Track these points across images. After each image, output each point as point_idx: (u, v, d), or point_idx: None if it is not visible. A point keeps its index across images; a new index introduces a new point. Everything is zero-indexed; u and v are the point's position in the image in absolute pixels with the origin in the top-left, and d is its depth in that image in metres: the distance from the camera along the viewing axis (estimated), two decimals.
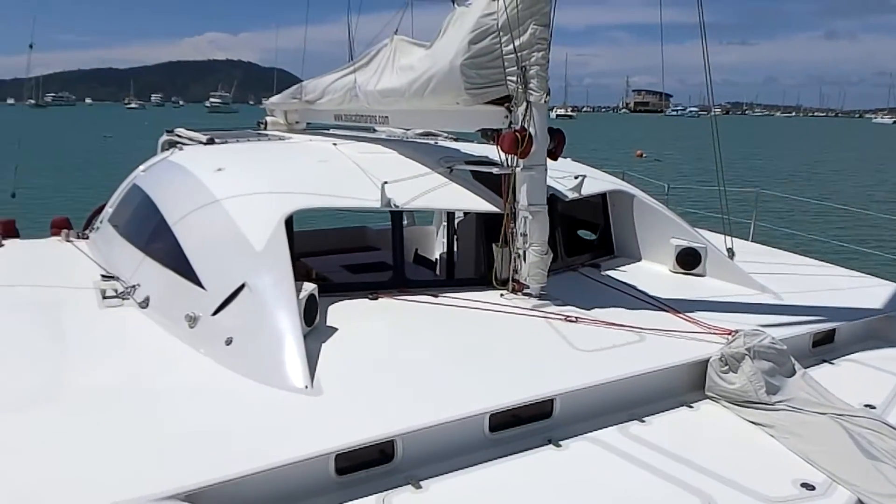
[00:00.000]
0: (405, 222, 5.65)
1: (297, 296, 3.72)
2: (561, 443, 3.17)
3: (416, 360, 3.64)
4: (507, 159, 4.50)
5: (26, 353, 3.73)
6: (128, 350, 3.81)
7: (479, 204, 4.86)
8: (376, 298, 4.43)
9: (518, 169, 4.45)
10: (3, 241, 6.37)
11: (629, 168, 7.67)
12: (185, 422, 2.98)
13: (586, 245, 6.09)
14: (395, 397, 3.23)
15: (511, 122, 4.44)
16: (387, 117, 6.13)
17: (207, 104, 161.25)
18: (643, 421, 3.38)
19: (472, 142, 6.79)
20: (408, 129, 7.47)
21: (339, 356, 3.59)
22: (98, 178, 26.23)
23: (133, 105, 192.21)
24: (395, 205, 4.58)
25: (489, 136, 4.67)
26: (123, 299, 4.53)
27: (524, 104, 4.33)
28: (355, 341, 3.82)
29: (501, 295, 4.57)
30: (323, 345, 3.69)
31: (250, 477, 2.62)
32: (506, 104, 4.47)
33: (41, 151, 40.81)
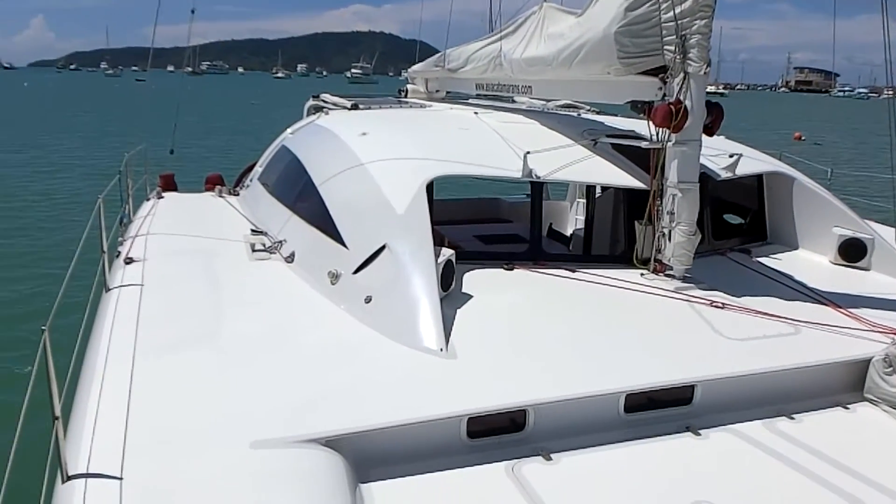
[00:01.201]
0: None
1: (436, 260, 3.74)
2: (700, 432, 3.03)
3: (552, 334, 3.58)
4: (657, 133, 4.28)
5: (186, 298, 3.99)
6: (274, 301, 3.99)
7: (623, 179, 4.67)
8: (512, 269, 4.37)
9: (670, 144, 4.21)
10: (164, 194, 6.84)
11: (786, 151, 7.10)
12: (326, 372, 3.08)
13: (735, 229, 5.73)
14: (529, 368, 3.20)
15: (665, 95, 4.20)
16: (530, 87, 6.00)
17: (348, 75, 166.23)
18: (792, 418, 3.18)
19: (615, 115, 6.55)
20: (548, 101, 7.31)
21: (474, 322, 3.59)
22: (244, 141, 27.79)
23: (280, 74, 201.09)
24: (536, 175, 4.48)
25: (639, 108, 4.45)
26: (270, 253, 4.74)
27: (681, 75, 4.09)
28: (490, 309, 3.79)
29: (642, 275, 4.38)
30: (458, 310, 3.69)
31: (387, 430, 2.68)
32: (660, 75, 4.23)
33: (197, 115, 43.67)
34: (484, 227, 7.13)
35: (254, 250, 4.80)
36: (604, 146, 5.00)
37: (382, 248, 3.88)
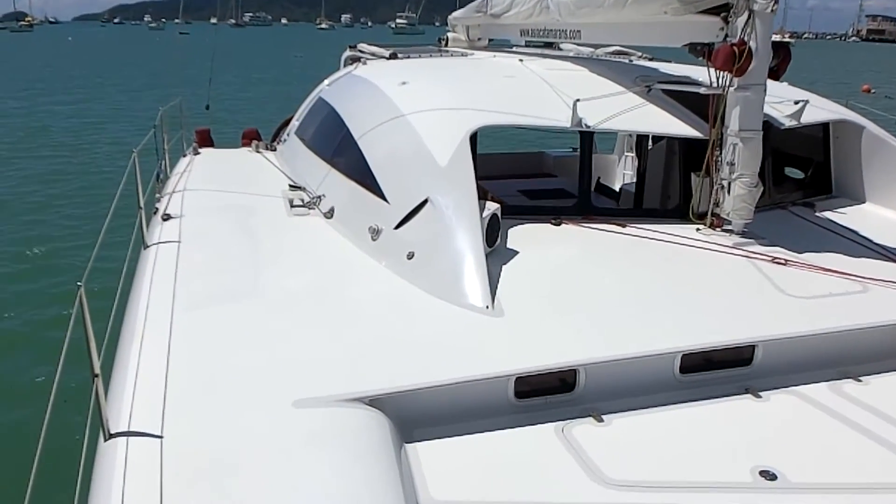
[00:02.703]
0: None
1: (480, 214, 3.57)
2: (761, 394, 2.87)
3: (602, 291, 3.41)
4: (718, 77, 3.97)
5: (225, 255, 3.93)
6: (314, 258, 3.90)
7: (679, 127, 4.38)
8: (559, 224, 4.16)
9: (731, 89, 3.91)
10: (200, 150, 6.75)
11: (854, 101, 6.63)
12: (369, 331, 2.99)
13: (797, 181, 5.39)
14: (578, 326, 3.05)
15: (727, 35, 3.88)
16: (579, 31, 5.66)
17: (392, 25, 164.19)
18: (859, 380, 3.00)
19: (668, 61, 6.20)
20: (597, 48, 6.95)
21: (521, 279, 3.43)
22: (286, 94, 27.65)
23: (324, 25, 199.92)
24: (586, 125, 4.22)
25: (698, 51, 4.13)
26: (309, 209, 4.64)
27: (745, 13, 3.76)
28: (537, 266, 3.62)
29: (698, 230, 4.13)
30: (504, 266, 3.53)
31: (432, 389, 2.60)
32: (722, 14, 3.91)
33: (237, 68, 43.66)
34: (529, 182, 6.90)
35: (292, 206, 4.69)
36: (657, 93, 4.69)
37: (425, 202, 3.72)
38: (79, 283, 2.34)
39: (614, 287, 3.45)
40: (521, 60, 5.66)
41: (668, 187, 4.63)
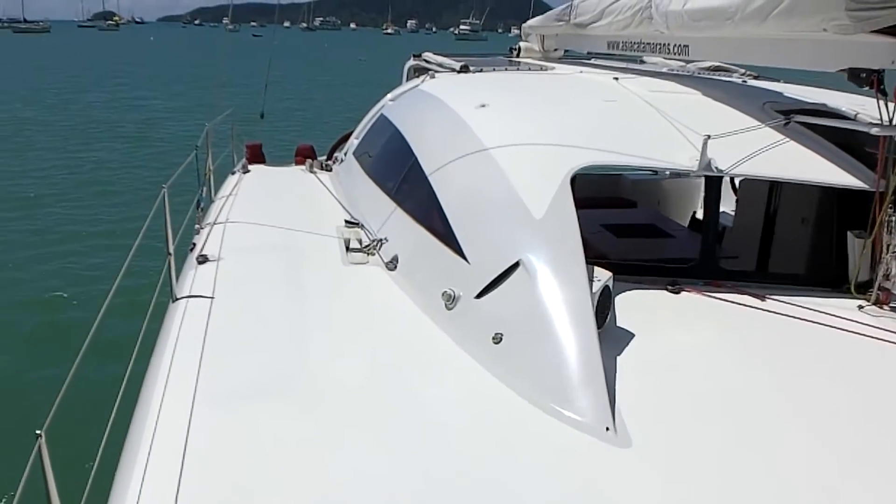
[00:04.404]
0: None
1: (590, 286, 2.74)
2: None
3: (761, 404, 2.51)
4: (893, 113, 3.04)
5: (265, 321, 3.21)
6: (372, 330, 3.13)
7: (834, 175, 3.44)
8: (678, 292, 3.26)
9: None
10: (250, 167, 6.09)
11: None
12: (440, 453, 2.23)
13: None
14: (739, 461, 2.17)
15: None
16: (686, 47, 4.76)
17: (456, 31, 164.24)
18: None
19: (777, 80, 5.25)
20: (688, 62, 5.97)
21: (648, 382, 2.59)
22: (347, 100, 27.35)
23: (389, 31, 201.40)
24: (717, 168, 3.33)
25: (863, 78, 3.20)
26: (368, 254, 3.90)
27: None
28: (664, 360, 2.76)
29: (861, 307, 3.20)
30: (619, 359, 2.66)
31: None
32: None
33: (301, 72, 43.81)
34: (608, 214, 5.96)
35: (348, 249, 3.95)
36: (796, 127, 3.76)
37: (515, 265, 2.91)
38: None
39: (771, 396, 2.56)
40: (616, 79, 4.78)
41: (817, 247, 3.69)
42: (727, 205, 6.07)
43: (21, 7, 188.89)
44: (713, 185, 3.62)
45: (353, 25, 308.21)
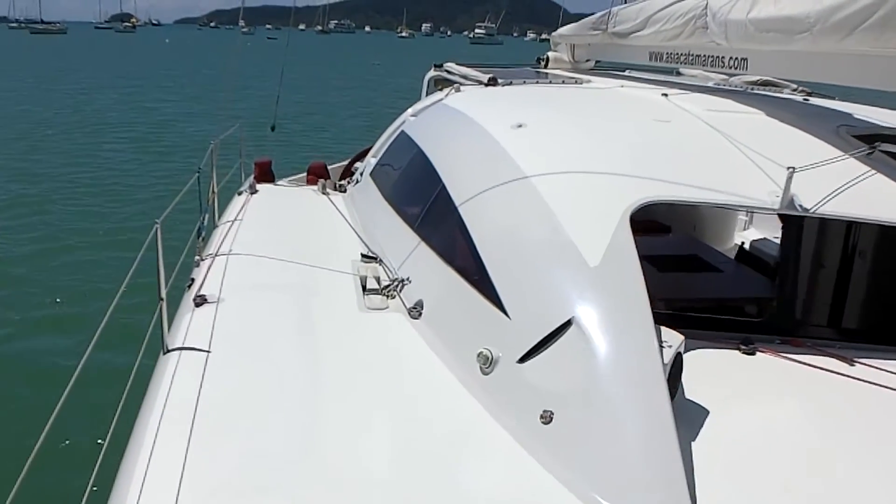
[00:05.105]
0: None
1: (660, 353, 2.24)
2: None
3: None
4: None
5: (268, 385, 2.70)
6: (393, 398, 2.61)
7: None
8: (752, 352, 2.74)
9: None
10: (258, 187, 5.61)
11: None
12: None
13: None
14: None
15: None
16: (745, 60, 4.25)
17: (471, 35, 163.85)
18: None
19: (833, 97, 4.74)
20: (731, 74, 5.43)
21: (734, 475, 2.07)
22: (361, 107, 26.86)
23: (404, 34, 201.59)
24: (801, 206, 2.82)
25: None
26: (389, 297, 3.39)
27: None
28: (746, 444, 2.23)
29: None
30: (693, 445, 2.15)
31: None
32: None
33: (315, 77, 43.48)
34: (642, 242, 5.35)
35: (365, 290, 3.44)
36: (881, 157, 3.23)
37: (567, 323, 2.40)
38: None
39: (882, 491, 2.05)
40: (664, 95, 4.27)
41: None
42: (766, 230, 5.53)
43: (38, 8, 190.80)
44: (794, 225, 3.10)
45: (367, 28, 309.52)
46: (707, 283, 4.26)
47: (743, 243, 5.24)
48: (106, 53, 66.47)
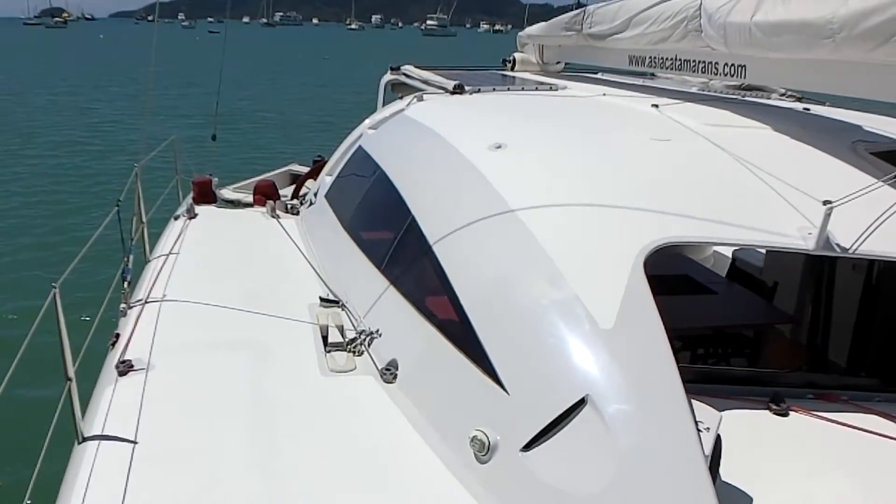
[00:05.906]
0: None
1: (698, 435, 1.81)
2: None
3: None
4: None
5: (213, 483, 2.18)
6: (374, 494, 2.13)
7: None
8: (785, 413, 2.33)
9: None
10: (197, 210, 4.99)
11: None
12: None
13: None
14: None
15: None
16: (744, 67, 3.82)
17: (423, 27, 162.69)
18: None
19: (824, 103, 4.39)
20: (710, 78, 5.01)
21: None
22: (314, 109, 25.88)
23: (353, 26, 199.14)
24: (839, 246, 2.38)
25: None
26: (355, 354, 2.87)
27: None
28: None
29: None
30: None
31: None
32: None
33: (261, 72, 42.18)
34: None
35: (326, 346, 2.92)
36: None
37: (581, 402, 1.95)
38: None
39: None
40: (655, 106, 3.82)
41: None
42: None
43: None
44: (826, 267, 2.67)
45: (315, 21, 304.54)
46: (702, 308, 3.85)
47: (735, 261, 4.83)
48: (35, 51, 63.15)
